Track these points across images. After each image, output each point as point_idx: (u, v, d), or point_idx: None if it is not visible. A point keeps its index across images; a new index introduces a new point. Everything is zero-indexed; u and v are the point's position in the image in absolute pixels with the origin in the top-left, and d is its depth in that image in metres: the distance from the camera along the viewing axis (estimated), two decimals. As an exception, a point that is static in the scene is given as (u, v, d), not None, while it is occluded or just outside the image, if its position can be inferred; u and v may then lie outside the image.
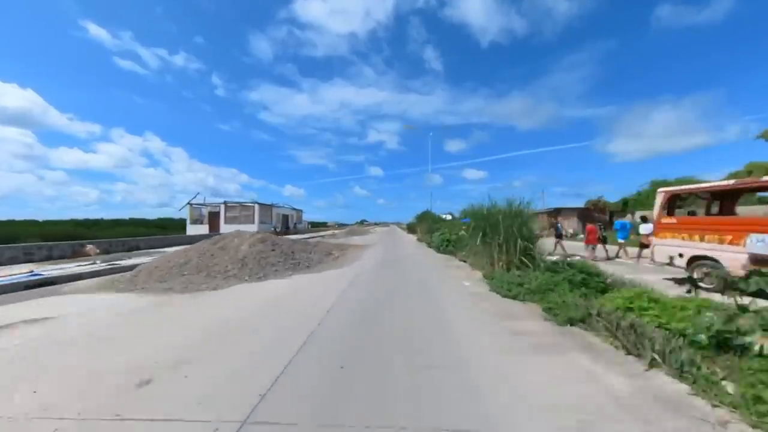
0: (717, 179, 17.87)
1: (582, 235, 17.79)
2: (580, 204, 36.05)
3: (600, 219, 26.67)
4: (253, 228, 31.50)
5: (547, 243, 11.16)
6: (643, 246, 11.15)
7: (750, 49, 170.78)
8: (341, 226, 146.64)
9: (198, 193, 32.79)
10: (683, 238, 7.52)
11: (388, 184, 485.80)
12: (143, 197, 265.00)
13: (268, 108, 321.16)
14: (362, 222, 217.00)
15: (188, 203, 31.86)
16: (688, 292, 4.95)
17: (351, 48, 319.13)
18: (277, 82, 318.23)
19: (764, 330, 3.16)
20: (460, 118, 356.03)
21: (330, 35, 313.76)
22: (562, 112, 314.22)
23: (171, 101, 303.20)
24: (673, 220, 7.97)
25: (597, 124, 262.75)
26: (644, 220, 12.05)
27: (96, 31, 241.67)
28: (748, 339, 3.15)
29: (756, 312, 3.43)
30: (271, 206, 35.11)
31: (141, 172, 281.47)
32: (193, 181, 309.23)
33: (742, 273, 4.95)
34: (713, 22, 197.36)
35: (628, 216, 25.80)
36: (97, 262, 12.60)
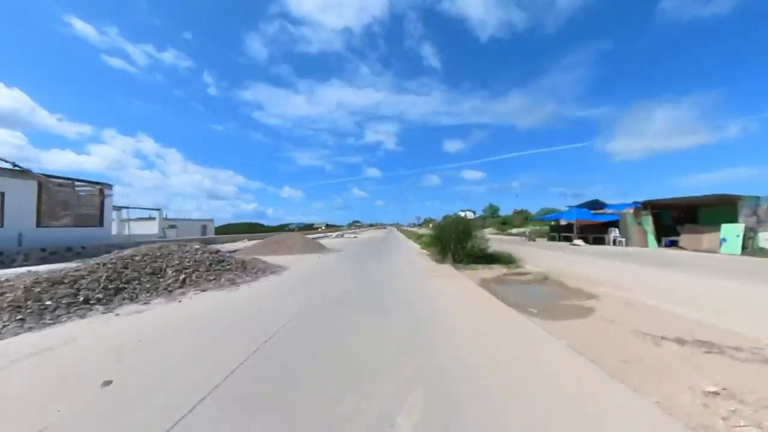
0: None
1: None
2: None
3: None
4: None
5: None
6: None
7: (752, 46, 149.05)
8: (330, 227, 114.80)
9: None
10: None
11: (386, 186, 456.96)
12: (138, 200, 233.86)
13: (263, 108, 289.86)
14: (354, 224, 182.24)
15: None
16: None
17: (347, 44, 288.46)
18: (272, 82, 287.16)
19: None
20: (458, 119, 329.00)
21: (324, 30, 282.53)
22: (561, 112, 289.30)
23: (162, 101, 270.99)
24: None
25: (596, 123, 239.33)
26: None
27: (80, 26, 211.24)
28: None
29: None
30: None
31: (136, 174, 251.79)
32: (189, 183, 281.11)
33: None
34: (719, 15, 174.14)
35: None
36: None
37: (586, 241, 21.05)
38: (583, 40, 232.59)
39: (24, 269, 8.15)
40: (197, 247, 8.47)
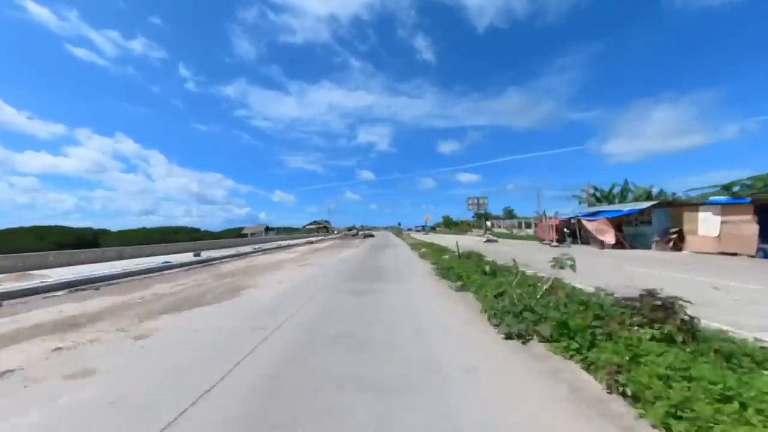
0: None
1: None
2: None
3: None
4: None
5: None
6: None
7: (754, 44, 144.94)
8: (276, 230, 79.66)
9: None
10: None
11: (380, 190, 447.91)
12: (125, 204, 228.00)
13: (250, 108, 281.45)
14: (313, 226, 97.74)
15: None
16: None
17: (333, 35, 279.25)
18: (259, 83, 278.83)
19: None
20: (452, 121, 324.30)
21: (308, 18, 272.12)
22: (558, 113, 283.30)
23: (138, 97, 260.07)
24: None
25: (593, 125, 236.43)
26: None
27: (36, 10, 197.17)
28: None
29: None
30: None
31: (118, 178, 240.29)
32: (175, 187, 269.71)
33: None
34: (732, 2, 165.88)
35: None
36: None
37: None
38: (584, 36, 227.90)
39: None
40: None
